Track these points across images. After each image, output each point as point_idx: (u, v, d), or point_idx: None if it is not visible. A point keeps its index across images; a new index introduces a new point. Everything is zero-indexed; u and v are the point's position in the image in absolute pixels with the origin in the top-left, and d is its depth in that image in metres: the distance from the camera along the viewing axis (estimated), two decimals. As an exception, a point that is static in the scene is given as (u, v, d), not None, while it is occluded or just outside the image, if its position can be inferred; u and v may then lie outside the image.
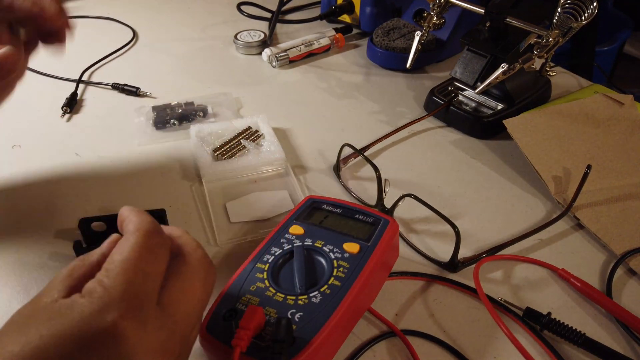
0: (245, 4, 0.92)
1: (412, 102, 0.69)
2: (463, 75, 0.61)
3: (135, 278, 0.26)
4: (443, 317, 0.40)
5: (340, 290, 0.35)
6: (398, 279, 0.43)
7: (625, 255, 0.45)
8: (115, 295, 0.24)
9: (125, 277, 0.25)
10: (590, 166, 0.50)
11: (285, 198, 0.51)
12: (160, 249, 0.29)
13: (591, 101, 0.60)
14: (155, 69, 0.75)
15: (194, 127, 0.58)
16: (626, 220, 0.49)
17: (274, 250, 0.39)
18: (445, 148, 0.60)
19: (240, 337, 0.30)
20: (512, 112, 0.60)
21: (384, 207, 0.49)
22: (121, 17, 0.89)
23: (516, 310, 0.40)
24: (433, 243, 0.47)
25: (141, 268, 0.26)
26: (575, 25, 0.51)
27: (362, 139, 0.60)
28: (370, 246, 0.38)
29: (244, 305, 0.35)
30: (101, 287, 0.25)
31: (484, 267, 0.44)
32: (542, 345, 0.38)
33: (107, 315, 0.24)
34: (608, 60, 1.61)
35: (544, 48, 0.53)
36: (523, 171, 0.56)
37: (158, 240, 0.29)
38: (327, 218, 0.42)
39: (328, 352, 0.34)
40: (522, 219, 0.50)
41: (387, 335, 0.39)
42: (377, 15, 0.81)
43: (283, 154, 0.54)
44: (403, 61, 0.66)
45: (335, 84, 0.72)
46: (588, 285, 0.42)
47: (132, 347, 0.24)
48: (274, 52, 0.75)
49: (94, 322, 0.23)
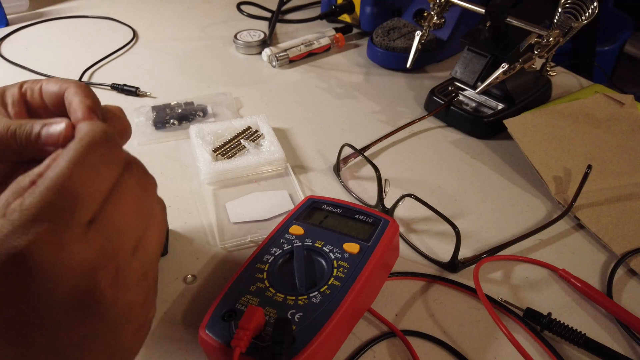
0: (245, 4, 0.92)
1: (412, 102, 0.69)
2: (463, 75, 0.61)
3: (59, 199, 0.22)
4: (443, 317, 0.40)
5: (340, 290, 0.35)
6: (398, 279, 0.43)
7: (626, 255, 0.45)
8: (31, 217, 0.22)
9: (48, 197, 0.22)
10: (591, 166, 0.50)
11: (285, 198, 0.51)
12: (104, 165, 0.24)
13: (592, 101, 0.60)
14: (155, 68, 0.75)
15: (193, 127, 0.58)
16: (627, 220, 0.49)
17: (273, 250, 0.39)
18: (445, 148, 0.60)
19: (240, 338, 0.30)
20: (513, 112, 0.60)
21: (384, 207, 0.49)
22: (121, 17, 0.89)
23: (516, 310, 0.40)
24: (433, 243, 0.47)
25: (70, 187, 0.23)
26: (575, 25, 0.51)
27: (362, 139, 0.60)
28: (370, 246, 0.38)
29: (244, 305, 0.34)
30: (20, 208, 0.22)
31: (484, 268, 0.44)
32: (543, 345, 0.38)
33: (18, 239, 0.21)
34: (609, 60, 1.61)
35: (544, 48, 0.53)
36: (523, 171, 0.56)
37: (103, 154, 0.24)
38: (327, 218, 0.42)
39: (328, 352, 0.34)
40: (522, 219, 0.50)
41: (387, 336, 0.38)
42: (377, 15, 0.80)
43: (283, 154, 0.54)
44: (403, 61, 0.66)
45: (335, 84, 0.72)
46: (588, 285, 0.42)
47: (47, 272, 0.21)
48: (274, 52, 0.75)
49: (2, 246, 0.21)
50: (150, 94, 0.68)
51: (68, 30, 0.86)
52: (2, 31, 0.83)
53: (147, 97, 0.68)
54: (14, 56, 0.76)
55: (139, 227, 0.25)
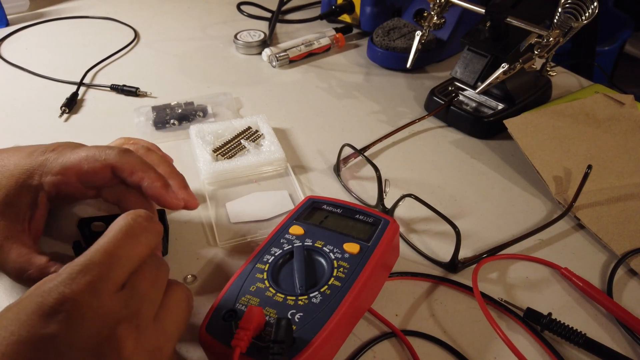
0: (245, 4, 0.92)
1: (412, 102, 0.69)
2: (463, 75, 0.61)
3: (101, 257, 0.27)
4: (443, 317, 0.40)
5: (341, 290, 0.35)
6: (398, 279, 0.43)
7: (626, 255, 0.45)
8: (72, 273, 0.26)
9: (90, 257, 0.27)
10: (591, 166, 0.50)
11: (285, 198, 0.51)
12: (144, 233, 0.30)
13: (592, 101, 0.60)
14: (155, 68, 0.75)
15: (193, 127, 0.58)
16: (627, 220, 0.49)
17: (274, 250, 0.39)
18: (445, 148, 0.60)
19: (240, 338, 0.30)
20: (513, 112, 0.60)
21: (384, 207, 0.49)
22: (121, 17, 0.89)
23: (517, 310, 0.40)
24: (433, 243, 0.47)
25: (111, 251, 0.27)
26: (575, 25, 0.51)
27: (362, 139, 0.60)
28: (370, 246, 0.38)
29: (244, 305, 0.34)
30: (68, 267, 0.26)
31: (484, 268, 0.44)
32: (543, 345, 0.38)
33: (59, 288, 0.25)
34: (609, 60, 1.61)
35: (544, 48, 0.53)
36: (523, 171, 0.56)
37: (143, 224, 0.30)
38: (327, 218, 0.42)
39: (328, 352, 0.34)
40: (522, 219, 0.50)
41: (388, 336, 0.38)
42: (377, 15, 0.80)
43: (283, 154, 0.54)
44: (403, 61, 0.66)
45: (335, 84, 0.72)
46: (590, 285, 0.42)
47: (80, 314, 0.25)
48: (274, 52, 0.75)
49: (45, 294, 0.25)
50: (151, 94, 0.68)
51: (69, 31, 0.86)
52: (2, 32, 0.83)
53: (147, 97, 0.68)
54: (14, 57, 0.76)
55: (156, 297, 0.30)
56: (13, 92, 0.69)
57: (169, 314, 0.30)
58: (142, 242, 0.29)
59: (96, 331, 0.25)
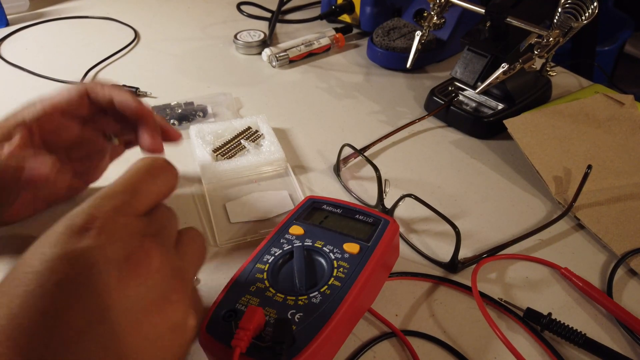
0: (245, 4, 0.92)
1: (412, 102, 0.69)
2: (463, 75, 0.61)
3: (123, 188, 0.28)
4: (443, 317, 0.40)
5: (341, 290, 0.35)
6: (398, 279, 0.43)
7: (626, 255, 0.45)
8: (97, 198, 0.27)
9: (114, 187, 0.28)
10: (591, 166, 0.50)
11: (285, 198, 0.51)
12: (163, 173, 0.31)
13: (592, 101, 0.60)
14: (155, 68, 0.75)
15: (193, 127, 0.58)
16: (627, 220, 0.49)
17: (273, 250, 0.39)
18: (445, 148, 0.60)
19: (240, 338, 0.30)
20: (513, 112, 0.60)
21: (384, 207, 0.49)
22: (121, 17, 0.89)
23: (516, 310, 0.40)
24: (433, 243, 0.47)
25: (133, 183, 0.29)
26: (575, 25, 0.51)
27: (362, 139, 0.60)
28: (370, 246, 0.38)
29: (244, 305, 0.34)
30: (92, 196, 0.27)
31: (484, 268, 0.44)
32: (543, 345, 0.38)
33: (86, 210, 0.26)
34: (609, 60, 1.61)
35: (544, 48, 0.53)
36: (523, 171, 0.56)
37: (163, 165, 0.31)
38: (327, 218, 0.42)
39: (328, 352, 0.34)
40: (522, 219, 0.50)
41: (388, 336, 0.38)
42: (377, 15, 0.81)
43: (283, 154, 0.54)
44: (403, 61, 0.66)
45: (335, 84, 0.72)
46: (590, 285, 0.42)
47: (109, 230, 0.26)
48: (273, 52, 0.75)
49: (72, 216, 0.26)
50: (151, 94, 0.68)
51: (69, 31, 0.86)
52: (2, 32, 0.83)
53: (147, 97, 0.68)
54: (14, 57, 0.76)
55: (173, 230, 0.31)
56: (13, 92, 0.69)
57: (186, 246, 0.32)
58: (161, 181, 0.30)
59: (127, 243, 0.26)
